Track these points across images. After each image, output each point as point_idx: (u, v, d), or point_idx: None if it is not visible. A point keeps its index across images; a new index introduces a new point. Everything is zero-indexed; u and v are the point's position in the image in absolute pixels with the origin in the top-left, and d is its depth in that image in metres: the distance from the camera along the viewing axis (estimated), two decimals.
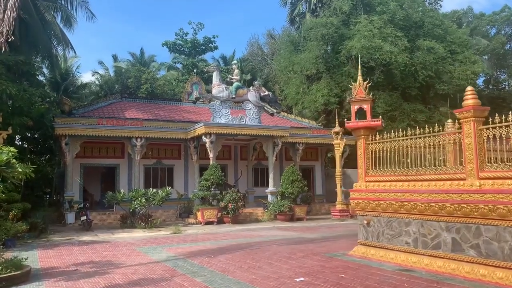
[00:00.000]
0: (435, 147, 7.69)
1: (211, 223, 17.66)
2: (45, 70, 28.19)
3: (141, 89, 30.90)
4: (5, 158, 7.68)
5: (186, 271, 7.89)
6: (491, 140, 6.78)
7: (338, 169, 20.85)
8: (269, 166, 21.01)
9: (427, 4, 35.77)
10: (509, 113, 6.40)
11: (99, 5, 53.10)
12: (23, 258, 7.77)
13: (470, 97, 6.99)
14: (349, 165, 26.45)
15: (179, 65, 40.07)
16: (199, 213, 17.95)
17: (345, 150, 22.01)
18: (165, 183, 20.81)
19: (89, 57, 74.60)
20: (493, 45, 39.33)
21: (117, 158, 21.03)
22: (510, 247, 6.26)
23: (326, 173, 27.10)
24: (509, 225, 6.29)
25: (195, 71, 32.36)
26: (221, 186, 18.57)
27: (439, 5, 39.88)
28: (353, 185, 9.42)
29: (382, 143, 8.74)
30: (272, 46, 41.66)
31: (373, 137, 9.09)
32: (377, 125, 9.10)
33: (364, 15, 27.58)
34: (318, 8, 32.55)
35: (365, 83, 9.39)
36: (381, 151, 8.75)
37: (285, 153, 24.47)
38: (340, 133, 20.79)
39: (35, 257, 9.76)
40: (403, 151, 8.23)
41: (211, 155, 19.16)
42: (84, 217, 16.10)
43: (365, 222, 8.89)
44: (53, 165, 24.07)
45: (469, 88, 7.09)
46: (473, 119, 6.86)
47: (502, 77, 43.90)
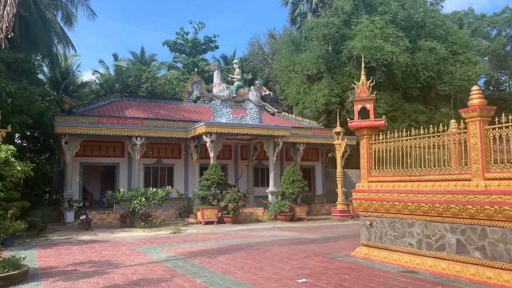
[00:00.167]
0: (440, 147, 7.58)
1: (211, 223, 17.56)
2: (45, 68, 28.17)
3: (142, 88, 30.80)
4: (3, 156, 7.57)
5: (186, 271, 7.79)
6: (497, 140, 6.67)
7: (339, 169, 20.74)
8: (269, 166, 20.92)
9: (428, 5, 35.68)
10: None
11: (99, 4, 53.04)
12: (21, 257, 7.67)
13: (476, 97, 6.89)
14: (349, 166, 26.37)
15: (179, 65, 39.95)
16: (199, 213, 17.85)
17: (346, 150, 21.93)
18: (165, 183, 20.71)
19: (90, 56, 74.59)
20: (494, 46, 39.28)
21: (117, 157, 20.92)
22: None
23: (326, 173, 27.02)
24: None
25: (195, 70, 32.24)
26: (222, 185, 18.47)
27: (441, 6, 39.86)
28: (356, 185, 9.32)
29: (385, 143, 8.63)
30: (273, 46, 41.54)
31: (376, 137, 8.98)
32: (380, 125, 8.99)
33: (365, 15, 27.50)
34: (319, 8, 32.46)
35: (368, 82, 9.29)
36: (384, 151, 8.63)
37: (286, 153, 24.37)
38: (341, 133, 20.69)
39: (33, 257, 9.66)
40: (407, 151, 8.12)
41: (211, 155, 19.07)
42: (83, 216, 16.00)
43: (368, 222, 8.78)
44: (53, 164, 24.01)
45: (475, 87, 6.99)
46: (479, 118, 6.75)
47: (502, 78, 43.82)
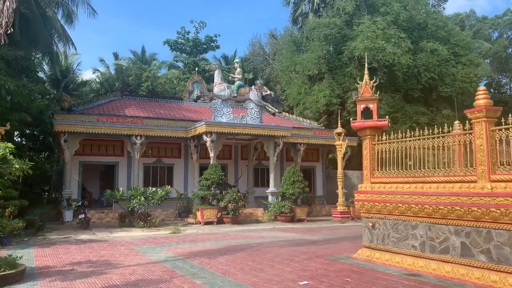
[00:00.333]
0: (444, 148, 7.46)
1: (211, 223, 17.43)
2: (45, 67, 28.01)
3: (142, 87, 30.69)
4: (1, 153, 7.46)
5: (185, 272, 7.67)
6: (504, 142, 6.56)
7: (340, 170, 20.60)
8: (270, 166, 20.79)
9: (430, 6, 35.60)
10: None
11: (100, 2, 52.84)
12: (17, 256, 7.55)
13: (482, 97, 6.77)
14: (349, 167, 26.26)
15: (180, 64, 39.81)
16: (198, 213, 17.72)
17: (347, 151, 21.79)
18: (165, 182, 20.58)
19: (90, 55, 74.48)
20: (496, 48, 39.21)
21: (117, 156, 20.78)
22: None
23: (326, 174, 26.89)
24: None
25: (196, 69, 32.11)
26: (221, 185, 18.34)
27: (442, 8, 39.82)
28: (358, 186, 9.20)
29: (388, 143, 8.51)
30: (274, 46, 41.46)
31: (380, 138, 8.85)
32: (383, 125, 8.87)
33: (367, 16, 27.41)
34: (321, 8, 32.36)
35: (371, 82, 9.17)
36: (387, 152, 8.51)
37: (286, 153, 24.24)
38: (342, 134, 20.55)
39: (31, 256, 9.53)
40: (411, 152, 8.00)
41: (211, 154, 18.94)
42: (82, 215, 15.88)
43: (370, 224, 8.66)
44: (52, 163, 23.88)
45: (481, 87, 6.87)
46: (485, 119, 6.63)
47: (504, 80, 43.75)
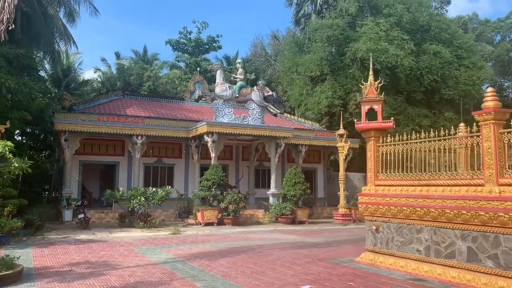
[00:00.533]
0: (451, 151, 7.33)
1: (211, 224, 17.29)
2: (47, 65, 27.94)
3: (143, 86, 30.59)
4: None
5: (185, 274, 7.54)
6: None
7: (341, 172, 20.43)
8: (271, 167, 20.65)
9: (433, 9, 35.45)
10: None
11: (102, 2, 52.81)
12: (15, 257, 7.42)
13: (490, 99, 6.64)
14: (351, 169, 26.08)
15: (182, 64, 39.70)
16: (199, 214, 17.59)
17: (349, 153, 21.62)
18: (165, 182, 20.44)
19: (92, 55, 74.38)
20: (498, 51, 39.04)
21: (117, 155, 20.66)
22: None
23: (328, 176, 26.74)
24: None
25: (198, 70, 31.99)
26: (222, 186, 18.21)
27: (445, 10, 39.68)
28: (362, 188, 9.06)
29: (393, 145, 8.37)
30: (275, 47, 41.32)
31: (384, 139, 8.71)
32: (388, 127, 8.74)
33: (370, 17, 27.26)
34: (324, 9, 32.22)
35: (376, 83, 9.03)
36: (392, 154, 8.37)
37: (287, 154, 24.09)
38: (344, 136, 20.38)
39: (29, 256, 9.41)
40: (416, 155, 7.86)
41: (212, 155, 18.81)
42: (81, 215, 15.75)
43: (374, 227, 8.52)
44: (53, 162, 23.75)
45: (490, 89, 6.73)
46: (493, 121, 6.50)
47: (506, 84, 43.56)
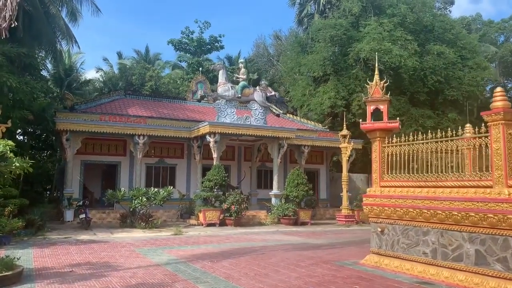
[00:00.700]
0: (458, 152, 7.19)
1: (213, 225, 17.18)
2: (49, 65, 27.86)
3: (145, 86, 30.53)
4: (0, 150, 7.24)
5: (188, 276, 7.42)
6: None
7: (344, 173, 20.30)
8: (273, 168, 20.52)
9: (436, 9, 35.27)
10: None
11: (104, 2, 52.79)
12: (15, 257, 7.31)
13: (499, 99, 6.50)
14: (353, 170, 25.93)
15: (184, 64, 39.60)
16: (201, 214, 17.47)
17: (352, 154, 21.49)
18: (167, 183, 20.32)
19: (94, 55, 74.42)
20: (502, 52, 38.84)
21: (119, 155, 20.57)
22: None
23: (330, 177, 26.60)
24: None
25: (200, 70, 31.90)
26: (224, 187, 18.09)
27: (448, 11, 39.51)
28: (367, 190, 8.92)
29: (399, 146, 8.23)
30: (278, 47, 41.21)
31: (390, 140, 8.57)
32: (394, 127, 8.59)
33: (374, 17, 27.10)
34: (327, 9, 32.09)
35: (381, 82, 8.89)
36: (398, 155, 8.24)
37: (290, 155, 23.97)
38: (347, 136, 20.26)
39: (29, 256, 9.31)
40: (422, 155, 7.72)
41: (214, 155, 18.69)
42: (83, 215, 15.65)
43: (379, 229, 8.38)
44: (54, 161, 23.67)
45: (499, 89, 6.59)
46: (503, 122, 6.35)
47: (509, 85, 43.31)
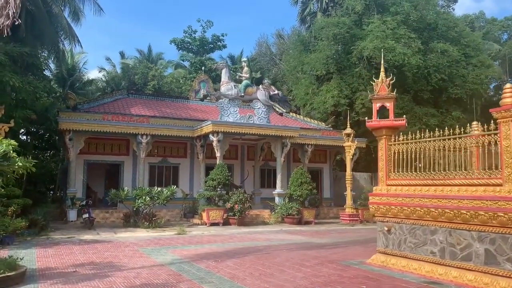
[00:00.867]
0: (466, 149, 7.08)
1: (217, 224, 17.10)
2: (51, 65, 27.83)
3: (148, 86, 30.46)
4: (2, 150, 7.17)
5: (192, 276, 7.34)
6: None
7: (348, 172, 20.17)
8: (277, 167, 20.43)
9: (440, 7, 35.06)
10: None
11: (106, 2, 52.70)
12: (18, 257, 7.25)
13: (509, 95, 6.38)
14: (357, 169, 25.79)
15: (186, 63, 39.52)
16: (204, 214, 17.40)
17: (355, 153, 21.36)
18: (170, 182, 20.27)
19: (96, 55, 74.49)
20: (505, 50, 38.57)
21: (122, 155, 20.52)
22: None
23: (334, 176, 26.47)
24: None
25: (203, 69, 31.83)
26: (228, 186, 18.01)
27: (452, 8, 39.25)
28: (373, 188, 8.81)
29: (406, 144, 8.12)
30: (280, 46, 41.08)
31: (396, 138, 8.46)
32: (401, 125, 8.48)
33: (377, 16, 26.96)
34: (330, 7, 31.96)
35: (388, 79, 8.77)
36: (404, 153, 8.13)
37: (293, 154, 23.85)
38: (351, 135, 20.13)
39: (32, 256, 9.25)
40: (430, 153, 7.61)
41: (218, 154, 18.62)
42: (86, 215, 15.61)
43: (386, 228, 8.27)
44: (57, 161, 23.66)
45: (508, 85, 6.48)
46: None
47: None
